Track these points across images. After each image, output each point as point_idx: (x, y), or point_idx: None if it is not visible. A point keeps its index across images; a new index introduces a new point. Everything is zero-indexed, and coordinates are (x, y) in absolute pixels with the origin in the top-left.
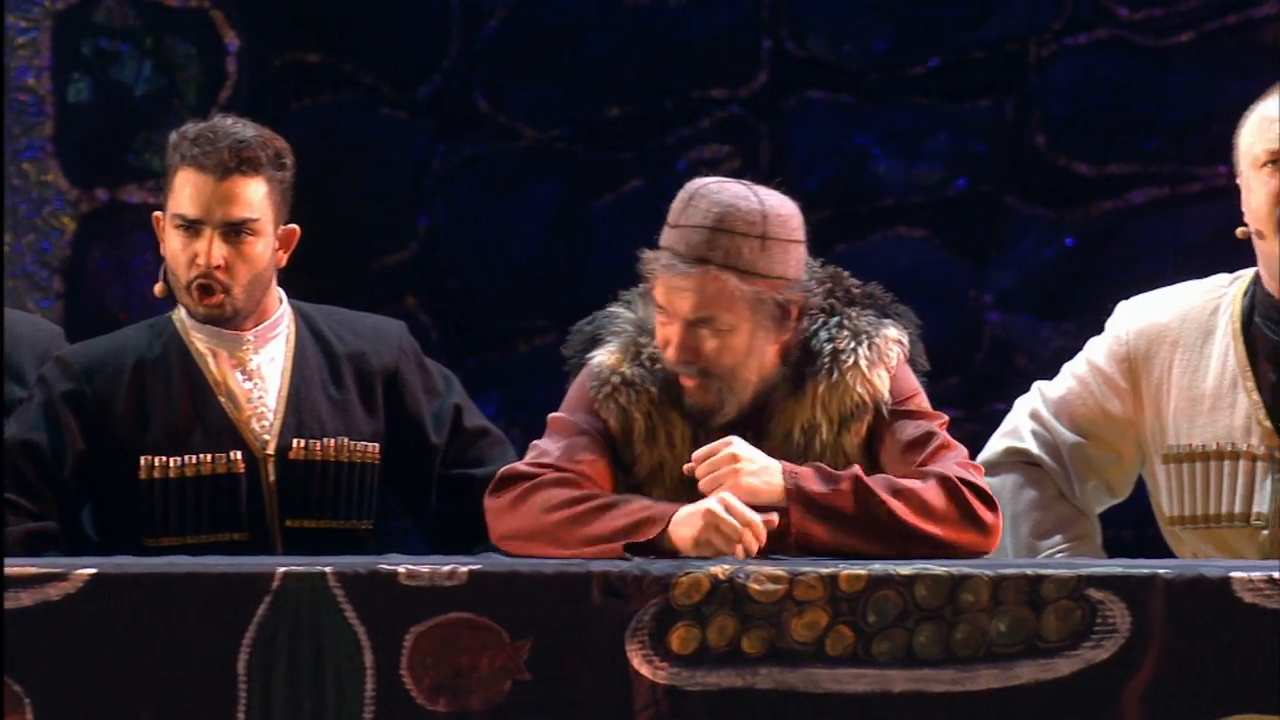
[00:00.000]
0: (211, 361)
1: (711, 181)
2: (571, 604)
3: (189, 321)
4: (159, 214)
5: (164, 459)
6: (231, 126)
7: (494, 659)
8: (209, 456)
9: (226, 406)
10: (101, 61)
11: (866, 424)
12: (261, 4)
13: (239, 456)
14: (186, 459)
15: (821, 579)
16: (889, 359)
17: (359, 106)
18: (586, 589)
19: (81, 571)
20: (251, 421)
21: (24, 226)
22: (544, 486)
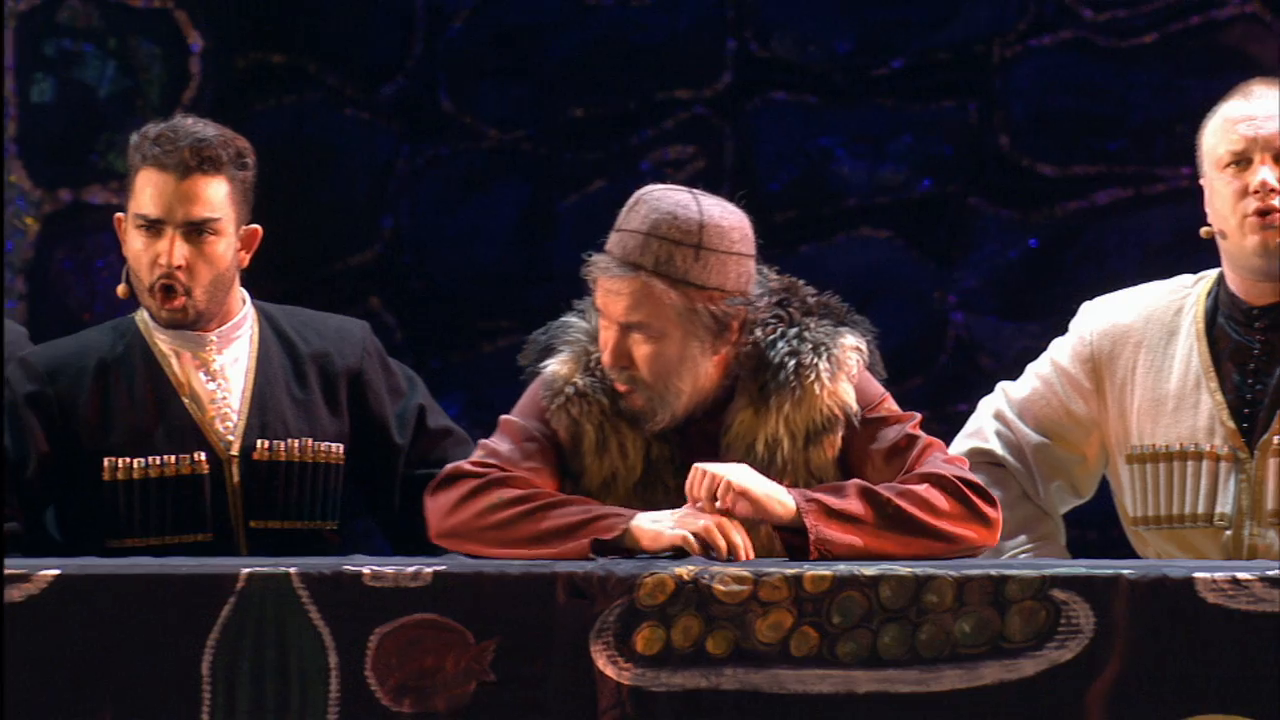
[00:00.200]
0: (175, 362)
1: (659, 188)
2: (536, 605)
3: (152, 323)
4: (120, 215)
5: (128, 460)
6: (192, 126)
7: (458, 660)
8: (173, 458)
9: (190, 407)
10: (65, 62)
11: (840, 437)
12: (225, 5)
13: (203, 457)
14: (150, 460)
15: (786, 580)
16: (849, 367)
17: (323, 107)
18: (551, 590)
19: (45, 573)
20: (215, 422)
21: None
22: (492, 486)
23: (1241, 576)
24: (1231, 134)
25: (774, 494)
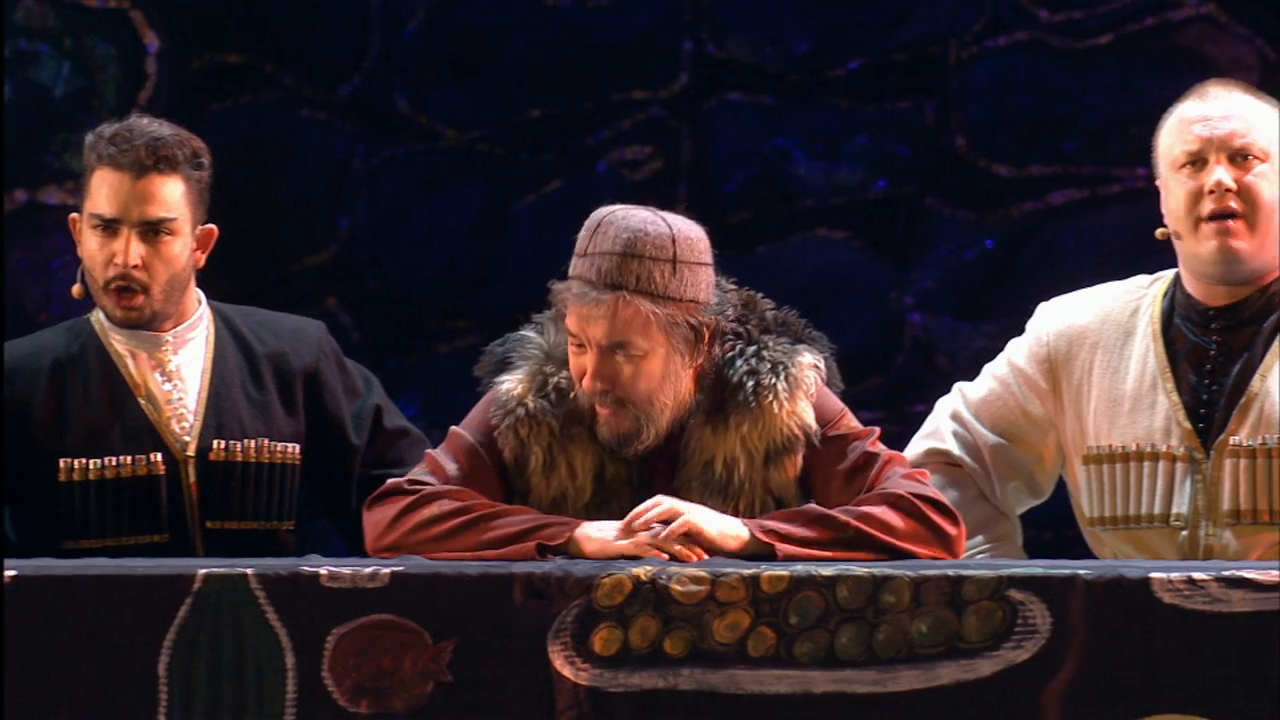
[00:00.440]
0: (130, 363)
1: (618, 209)
2: (494, 605)
3: (108, 322)
4: (75, 216)
5: (83, 461)
6: (148, 126)
7: (416, 660)
8: (129, 458)
9: (146, 408)
10: (20, 62)
11: (800, 457)
12: (181, 5)
13: (159, 458)
14: (106, 461)
15: (743, 580)
16: (807, 386)
17: (279, 107)
18: (508, 590)
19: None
20: (171, 423)
21: None
22: (430, 498)
23: (1197, 577)
24: (1187, 134)
25: (728, 531)
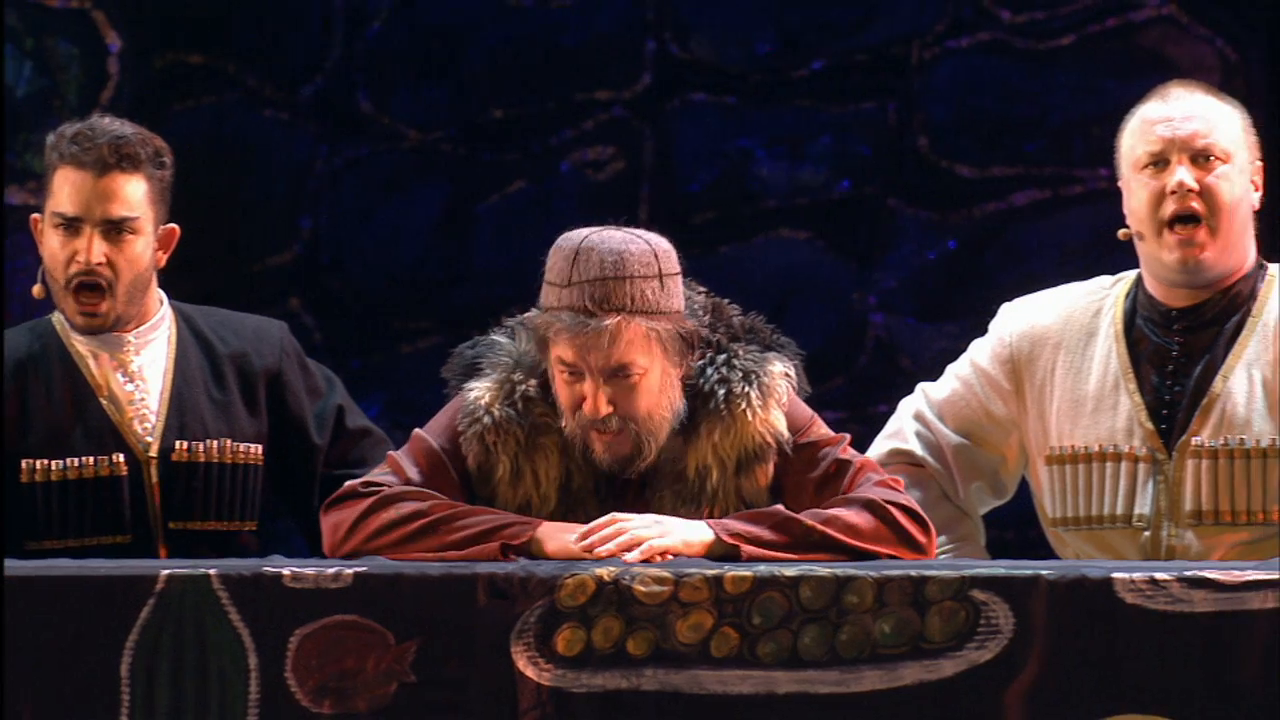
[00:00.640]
0: (92, 363)
1: (589, 234)
2: (457, 606)
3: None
4: (37, 216)
5: (45, 462)
6: (109, 125)
7: (379, 661)
8: (91, 459)
9: (108, 408)
10: None
11: (773, 464)
12: (143, 5)
13: (121, 459)
14: (68, 462)
15: (707, 581)
16: (779, 395)
17: (242, 108)
18: (472, 591)
19: None
20: (134, 423)
21: None
22: (390, 502)
23: (1159, 577)
24: (1149, 135)
25: (693, 539)
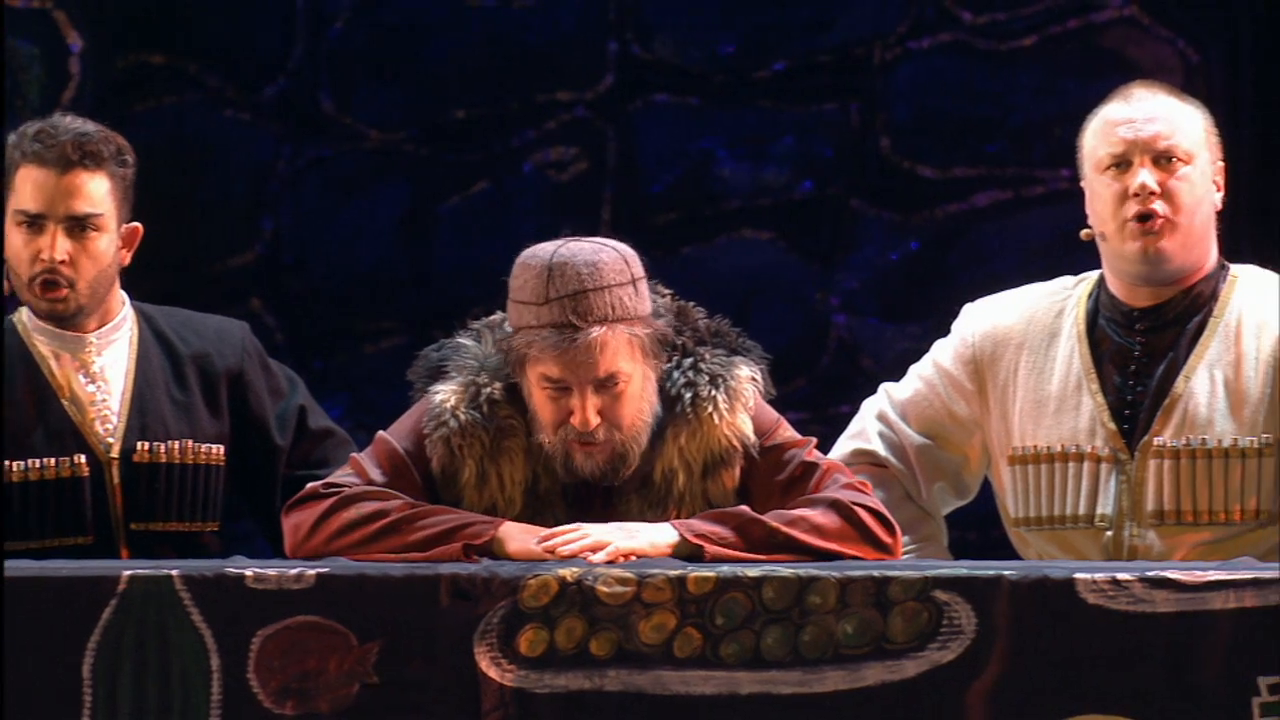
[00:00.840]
0: (54, 364)
1: (557, 248)
2: (420, 607)
3: (31, 324)
4: None
5: (7, 463)
6: (72, 123)
7: (341, 662)
8: (52, 460)
9: (70, 409)
10: None
11: (739, 468)
12: (105, 5)
13: (83, 460)
14: (30, 463)
15: (669, 581)
16: (746, 398)
17: (203, 108)
18: (435, 592)
19: None
20: (95, 424)
21: None
22: (351, 502)
23: (1121, 577)
24: (1111, 136)
25: (658, 541)
